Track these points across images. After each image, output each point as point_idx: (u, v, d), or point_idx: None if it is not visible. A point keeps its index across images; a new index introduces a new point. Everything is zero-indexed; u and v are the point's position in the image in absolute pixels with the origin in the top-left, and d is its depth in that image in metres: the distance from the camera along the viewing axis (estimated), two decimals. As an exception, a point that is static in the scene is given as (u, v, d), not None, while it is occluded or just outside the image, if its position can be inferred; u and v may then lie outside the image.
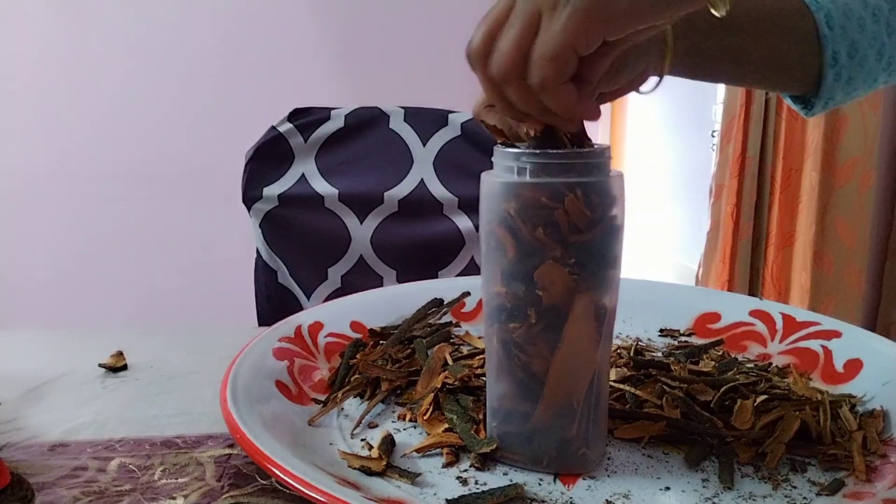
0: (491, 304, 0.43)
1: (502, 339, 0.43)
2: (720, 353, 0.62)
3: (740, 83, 0.62)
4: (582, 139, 0.42)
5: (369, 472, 0.42)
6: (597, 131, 3.74)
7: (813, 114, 0.59)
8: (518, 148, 0.41)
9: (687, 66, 0.51)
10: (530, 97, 0.38)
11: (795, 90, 0.58)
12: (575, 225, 0.39)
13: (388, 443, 0.45)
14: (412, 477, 0.42)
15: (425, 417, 0.49)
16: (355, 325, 0.65)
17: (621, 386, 0.51)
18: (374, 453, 0.44)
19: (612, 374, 0.53)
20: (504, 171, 0.41)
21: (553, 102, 0.38)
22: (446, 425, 0.47)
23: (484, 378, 0.47)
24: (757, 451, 0.45)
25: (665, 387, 0.51)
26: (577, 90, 0.38)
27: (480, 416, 0.47)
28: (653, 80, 0.50)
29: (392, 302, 0.69)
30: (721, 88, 2.13)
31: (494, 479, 0.43)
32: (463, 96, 0.41)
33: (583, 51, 0.36)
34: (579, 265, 0.40)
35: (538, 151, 0.40)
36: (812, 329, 0.61)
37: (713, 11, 0.36)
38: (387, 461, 0.43)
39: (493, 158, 0.42)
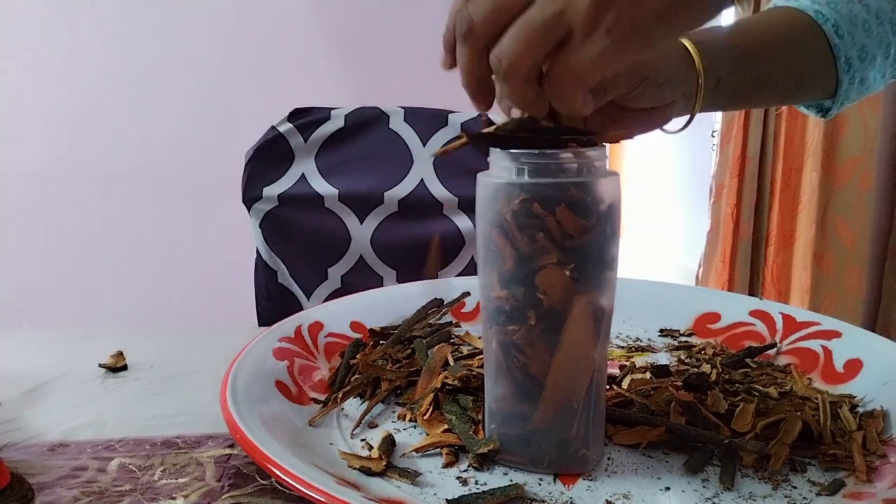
0: (489, 306, 0.43)
1: (501, 341, 0.43)
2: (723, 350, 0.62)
3: (766, 105, 0.68)
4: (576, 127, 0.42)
5: (369, 472, 0.42)
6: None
7: (830, 116, 0.62)
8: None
9: (716, 101, 0.54)
10: (534, 97, 0.37)
11: (816, 99, 0.62)
12: (568, 233, 0.39)
13: (388, 443, 0.45)
14: (412, 477, 0.42)
15: (425, 417, 0.49)
16: (355, 325, 0.65)
17: (628, 393, 0.51)
18: (374, 453, 0.44)
19: (626, 383, 0.53)
20: (501, 172, 0.41)
21: (563, 107, 0.38)
22: (446, 425, 0.47)
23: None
24: (761, 454, 0.45)
25: (672, 393, 0.50)
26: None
27: (480, 417, 0.47)
28: (679, 120, 0.52)
29: (392, 302, 0.69)
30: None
31: (494, 479, 0.43)
32: (463, 96, 0.40)
33: (606, 74, 0.36)
34: (577, 267, 0.40)
35: (536, 152, 0.40)
36: (812, 329, 0.61)
37: (738, 7, 0.36)
38: (387, 461, 0.43)
39: (489, 158, 0.42)
